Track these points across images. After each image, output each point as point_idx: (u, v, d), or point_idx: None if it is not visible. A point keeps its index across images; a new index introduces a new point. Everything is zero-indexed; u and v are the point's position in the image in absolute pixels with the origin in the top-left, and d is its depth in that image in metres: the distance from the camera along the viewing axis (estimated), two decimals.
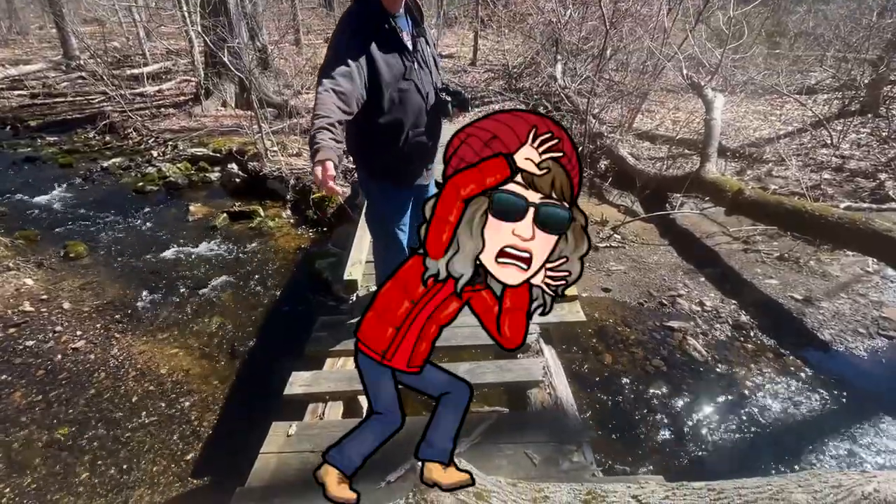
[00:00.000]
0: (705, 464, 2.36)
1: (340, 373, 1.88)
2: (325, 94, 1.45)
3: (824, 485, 1.10)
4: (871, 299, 3.62)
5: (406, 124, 1.73)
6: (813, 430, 2.56)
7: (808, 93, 8.79)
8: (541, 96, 8.18)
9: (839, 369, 2.96)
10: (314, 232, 4.88)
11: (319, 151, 1.33)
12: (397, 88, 1.66)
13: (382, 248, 2.01)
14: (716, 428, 2.56)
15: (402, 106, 1.69)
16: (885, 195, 5.33)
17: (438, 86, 1.84)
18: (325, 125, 1.39)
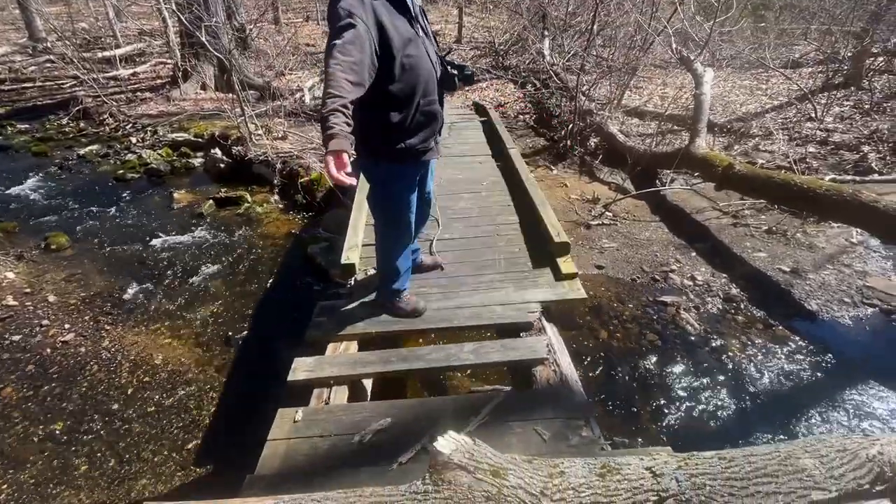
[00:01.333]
0: (702, 433, 2.42)
1: (344, 357, 1.87)
2: (335, 67, 1.36)
3: (830, 449, 1.13)
4: (856, 269, 3.71)
5: (417, 92, 1.66)
6: (802, 397, 2.63)
7: (793, 66, 8.83)
8: (529, 73, 8.07)
9: (826, 338, 3.04)
10: (304, 217, 4.80)
11: (333, 139, 1.27)
12: (407, 54, 1.59)
13: (389, 233, 1.96)
14: (710, 399, 2.62)
15: (412, 73, 1.62)
16: (867, 167, 5.42)
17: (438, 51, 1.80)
18: (338, 107, 1.31)
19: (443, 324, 1.98)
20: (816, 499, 1.05)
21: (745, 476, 1.06)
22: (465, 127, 4.79)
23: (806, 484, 1.06)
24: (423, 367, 1.76)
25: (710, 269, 3.79)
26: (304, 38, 11.11)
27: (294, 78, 8.44)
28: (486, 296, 2.18)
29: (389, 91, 1.61)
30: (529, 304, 2.09)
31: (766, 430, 2.40)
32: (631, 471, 1.07)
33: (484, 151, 4.11)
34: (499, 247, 2.56)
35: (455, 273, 2.37)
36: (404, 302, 2.09)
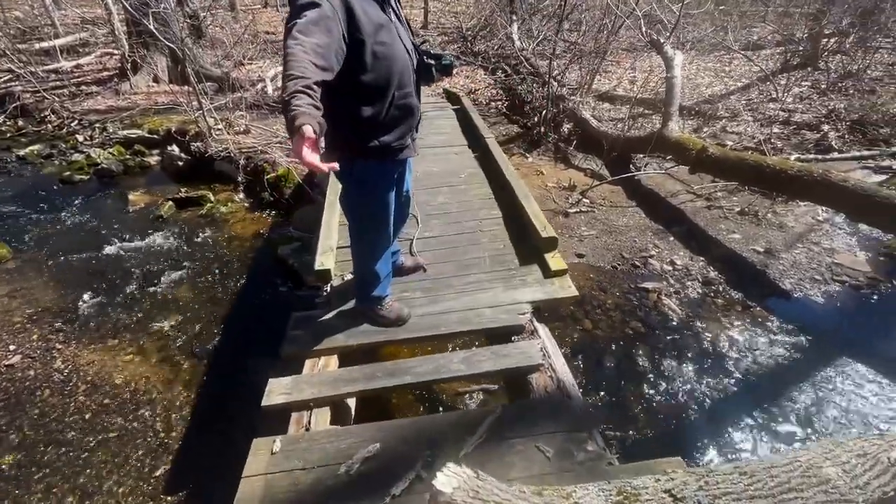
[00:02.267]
0: (691, 420, 2.42)
1: (323, 375, 1.71)
2: (296, 48, 1.18)
3: (850, 454, 1.07)
4: (824, 247, 3.81)
5: (392, 84, 1.51)
6: (783, 376, 2.67)
7: (754, 48, 9.03)
8: (499, 59, 7.92)
9: (801, 316, 3.11)
10: (272, 215, 4.56)
11: (297, 118, 1.08)
12: (379, 42, 1.43)
13: (366, 236, 1.81)
14: (697, 383, 2.63)
15: (385, 62, 1.46)
16: (828, 146, 5.59)
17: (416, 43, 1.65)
18: (301, 88, 1.12)
19: (430, 331, 1.86)
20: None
21: (769, 493, 0.99)
22: (437, 116, 4.62)
23: (832, 497, 1.00)
24: (412, 382, 1.64)
25: (688, 252, 3.81)
26: (263, 25, 10.57)
27: (255, 68, 8.01)
28: (474, 298, 2.06)
29: (360, 83, 1.45)
30: (519, 304, 1.99)
31: (752, 411, 2.43)
32: (649, 495, 0.98)
33: (459, 141, 3.96)
34: (483, 244, 2.45)
35: (439, 274, 2.24)
36: (386, 309, 1.95)
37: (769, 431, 2.33)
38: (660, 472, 1.14)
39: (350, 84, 1.44)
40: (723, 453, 2.25)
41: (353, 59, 1.37)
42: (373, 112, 1.51)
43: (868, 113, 6.04)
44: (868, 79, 7.17)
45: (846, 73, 7.43)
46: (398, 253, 2.23)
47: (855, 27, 8.42)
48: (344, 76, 1.37)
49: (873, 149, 5.50)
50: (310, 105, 1.11)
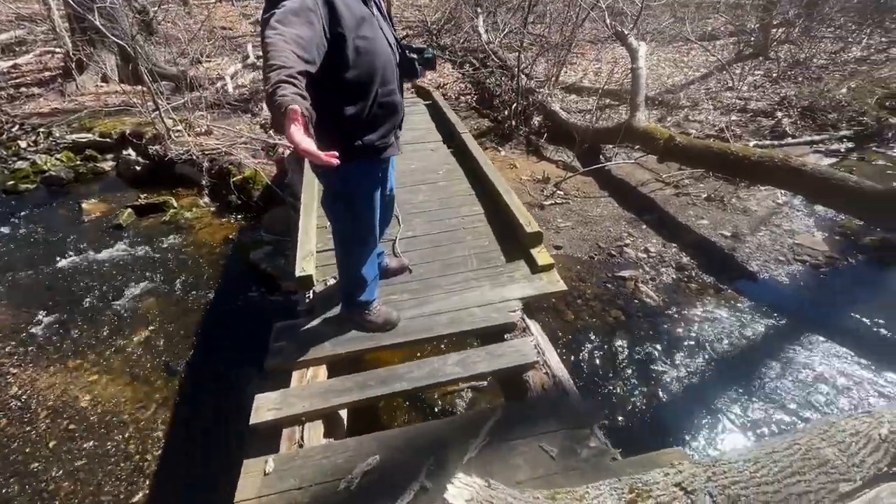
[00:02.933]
0: (678, 403, 2.49)
1: (313, 386, 1.64)
2: (276, 38, 1.10)
3: (844, 434, 1.11)
4: (785, 229, 4.00)
5: (375, 81, 1.44)
6: (755, 354, 2.79)
7: (710, 39, 9.35)
8: (466, 52, 7.88)
9: (768, 296, 3.25)
10: (241, 219, 4.38)
11: (283, 107, 1.00)
12: (361, 36, 1.36)
13: (351, 240, 1.74)
14: (679, 366, 2.70)
15: (368, 58, 1.39)
16: (782, 131, 5.86)
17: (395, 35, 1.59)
18: (285, 77, 1.04)
19: (421, 334, 1.81)
20: (844, 490, 1.02)
21: (774, 479, 1.01)
22: (410, 112, 4.50)
23: (833, 477, 1.02)
24: (406, 389, 1.59)
25: (660, 239, 3.91)
26: (219, 20, 10.11)
27: (213, 66, 7.65)
28: (462, 297, 2.03)
29: (342, 79, 1.38)
30: (509, 302, 1.98)
31: (731, 391, 2.52)
32: (661, 490, 0.98)
33: (434, 137, 3.91)
34: (467, 241, 2.41)
35: (425, 275, 2.20)
36: (374, 314, 1.89)
37: (749, 409, 2.42)
38: (665, 464, 1.15)
39: (331, 81, 1.37)
40: (710, 435, 2.32)
41: (334, 54, 1.30)
42: (356, 110, 1.45)
43: (816, 99, 6.36)
44: (815, 67, 7.54)
45: (795, 62, 7.80)
46: (383, 254, 2.17)
47: (801, 18, 8.86)
48: (325, 72, 1.31)
49: (823, 133, 5.81)
50: (296, 94, 1.04)
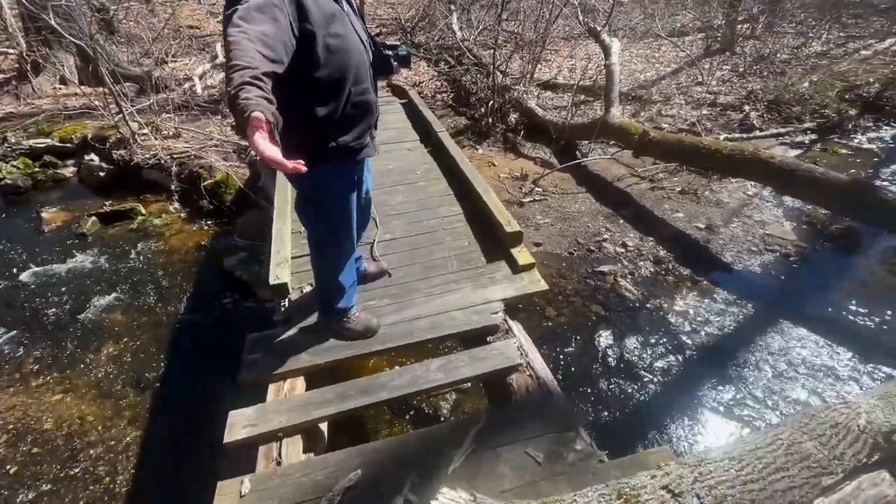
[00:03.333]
0: (660, 397, 2.52)
1: (291, 400, 1.56)
2: (239, 36, 1.03)
3: (824, 426, 1.12)
4: (756, 220, 4.11)
5: (347, 80, 1.38)
6: (733, 344, 2.84)
7: (679, 35, 9.56)
8: (440, 50, 7.83)
9: (743, 286, 3.33)
10: (213, 224, 4.24)
11: (247, 111, 0.93)
12: (332, 33, 1.30)
13: (327, 245, 1.68)
14: (659, 359, 2.74)
15: (340, 56, 1.33)
16: (750, 125, 6.02)
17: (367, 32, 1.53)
18: (249, 79, 0.97)
19: (401, 340, 1.77)
20: (826, 484, 1.02)
21: (759, 476, 1.01)
22: (385, 111, 4.47)
23: (815, 471, 1.03)
24: (389, 398, 1.55)
25: (637, 234, 3.96)
26: (184, 18, 9.78)
27: (180, 66, 7.39)
28: (443, 300, 1.99)
29: (312, 79, 1.32)
30: (491, 303, 1.95)
31: (711, 380, 2.56)
32: (648, 494, 0.97)
33: (410, 137, 3.85)
34: (447, 242, 2.38)
35: (404, 278, 2.15)
36: (353, 321, 1.83)
37: (729, 399, 2.47)
38: (651, 465, 1.14)
39: (302, 81, 1.31)
40: (692, 428, 2.35)
41: (303, 53, 1.24)
42: (328, 111, 1.39)
43: (781, 93, 6.56)
44: (778, 62, 7.78)
45: (759, 57, 8.03)
46: (360, 259, 2.11)
47: (764, 14, 9.13)
48: (295, 72, 1.25)
49: (788, 126, 6.00)
50: (260, 97, 0.97)
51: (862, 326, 2.87)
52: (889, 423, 1.13)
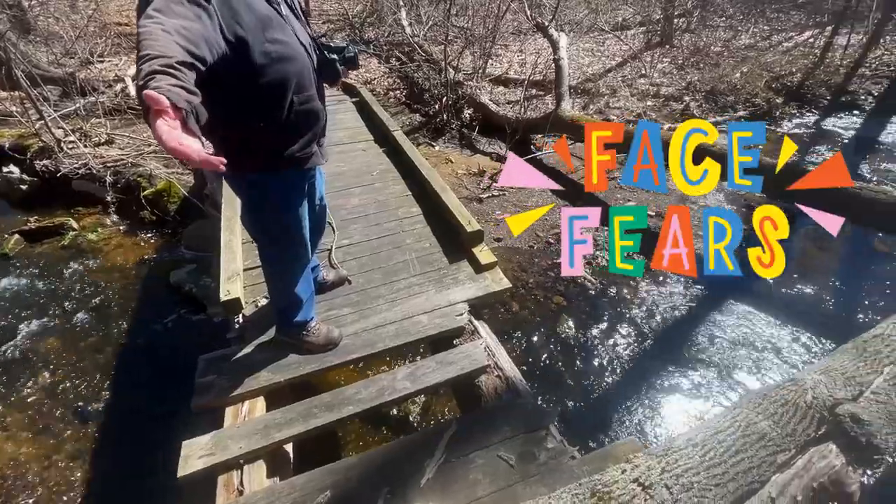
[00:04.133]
0: (622, 382, 2.60)
1: (251, 423, 1.47)
2: (153, 26, 0.92)
3: (775, 405, 1.17)
4: (701, 204, 4.34)
5: (289, 88, 1.30)
6: (685, 323, 2.98)
7: (622, 29, 9.92)
8: (391, 47, 7.71)
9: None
10: (157, 237, 3.97)
11: (152, 98, 0.80)
12: (270, 39, 1.21)
13: (279, 257, 1.59)
14: (620, 345, 2.83)
15: (279, 64, 1.24)
16: (691, 114, 6.35)
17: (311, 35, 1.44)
18: (159, 67, 0.85)
19: (366, 350, 1.71)
20: (781, 461, 1.07)
21: (721, 460, 1.04)
22: (336, 110, 4.33)
23: (770, 450, 1.08)
24: (356, 412, 1.49)
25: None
26: (112, 15, 9.08)
27: (109, 67, 6.85)
28: (407, 305, 1.95)
29: (251, 89, 1.24)
30: (455, 305, 1.93)
31: (669, 362, 2.68)
32: (621, 489, 0.98)
33: (364, 136, 3.76)
34: (407, 245, 2.33)
35: (365, 284, 2.09)
36: (314, 334, 1.75)
37: (687, 380, 2.58)
38: (621, 458, 1.16)
39: (239, 90, 1.22)
40: (654, 410, 2.44)
41: (238, 61, 1.15)
42: (270, 120, 1.31)
43: (716, 84, 6.95)
44: (713, 54, 8.22)
45: (695, 50, 8.47)
46: (318, 268, 2.03)
47: (697, 8, 9.63)
48: (231, 82, 1.16)
49: (725, 115, 6.38)
50: (173, 86, 0.84)
51: (798, 300, 3.10)
52: (833, 398, 1.20)
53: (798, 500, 1.05)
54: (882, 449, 1.14)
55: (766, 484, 1.06)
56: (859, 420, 1.13)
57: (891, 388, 1.25)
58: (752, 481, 1.04)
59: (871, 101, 6.59)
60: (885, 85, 6.79)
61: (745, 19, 10.16)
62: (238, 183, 1.46)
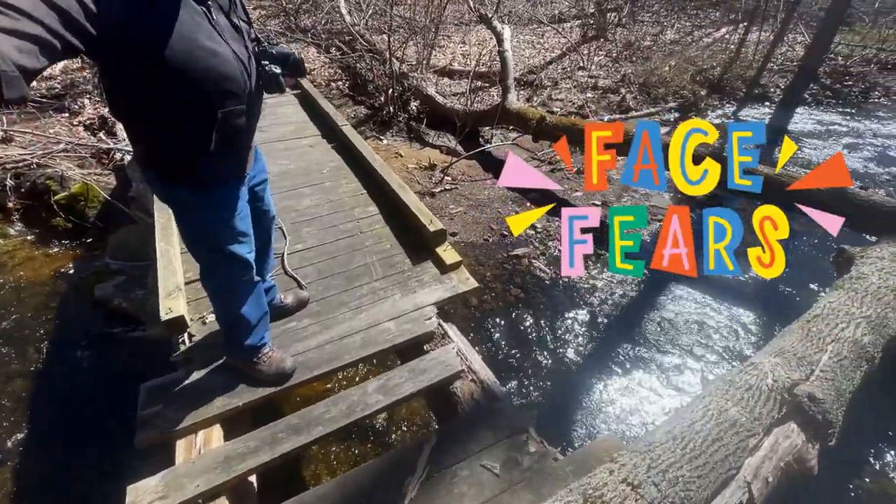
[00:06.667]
0: (586, 368, 2.67)
1: (208, 456, 1.32)
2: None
3: (742, 391, 1.23)
4: (641, 193, 4.56)
5: (208, 103, 1.11)
6: (634, 307, 3.12)
7: (559, 21, 10.18)
8: (330, 35, 7.37)
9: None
10: (75, 247, 3.55)
11: None
12: (183, 47, 1.01)
13: (218, 273, 1.42)
14: (579, 334, 2.92)
15: (193, 75, 1.05)
16: (627, 106, 6.66)
17: (251, 45, 1.25)
18: None
19: (331, 365, 1.59)
20: (752, 445, 1.12)
21: (701, 451, 1.08)
22: (277, 103, 4.06)
23: (742, 435, 1.12)
24: (325, 433, 1.39)
25: (545, 215, 4.17)
26: None
27: None
28: (372, 312, 1.85)
29: (158, 100, 1.06)
30: (423, 309, 1.86)
31: (627, 347, 2.79)
32: (611, 491, 0.98)
33: (311, 132, 3.54)
34: (367, 247, 2.21)
35: (325, 292, 1.95)
36: (264, 363, 1.57)
37: (646, 364, 2.70)
38: (603, 455, 1.16)
39: (146, 102, 1.05)
40: (622, 399, 2.51)
41: (137, 64, 0.98)
42: (184, 139, 1.14)
43: (648, 76, 7.33)
44: (644, 48, 8.66)
45: (628, 44, 8.87)
46: (273, 289, 1.83)
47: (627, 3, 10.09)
48: (151, 95, 1.03)
49: (657, 106, 6.75)
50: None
51: (734, 281, 3.35)
52: (790, 379, 1.28)
53: (769, 480, 1.11)
54: (834, 423, 1.22)
55: (742, 469, 1.10)
56: (815, 399, 1.21)
57: (835, 364, 1.35)
58: (729, 468, 1.08)
59: (779, 94, 7.26)
60: (789, 79, 7.50)
61: (668, 15, 10.81)
62: (163, 195, 1.29)
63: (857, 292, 1.74)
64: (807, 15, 9.53)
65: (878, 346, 1.53)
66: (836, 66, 8.10)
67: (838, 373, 1.31)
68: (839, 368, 1.33)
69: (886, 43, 8.76)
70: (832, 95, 7.24)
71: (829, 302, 1.69)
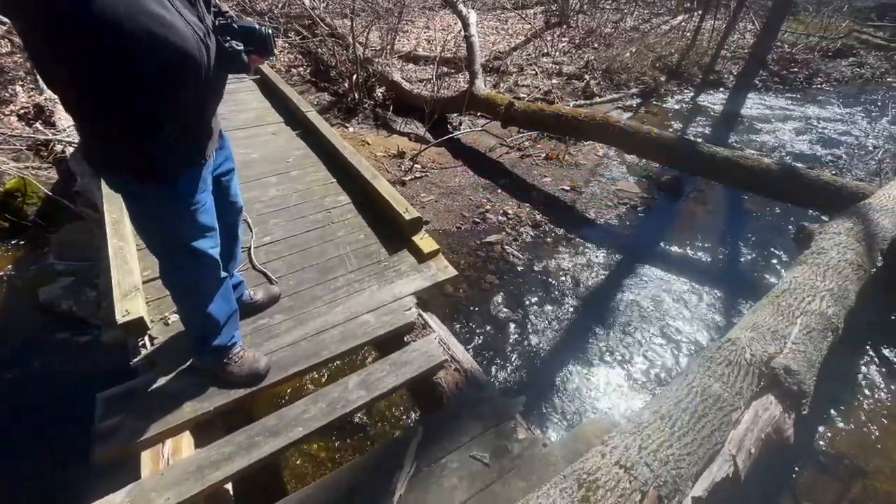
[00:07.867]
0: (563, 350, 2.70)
1: (178, 466, 1.23)
2: None
3: (722, 366, 1.26)
4: (608, 177, 4.65)
5: (163, 78, 0.99)
6: (607, 289, 3.19)
7: (522, 7, 10.17)
8: (288, 20, 7.05)
9: (605, 237, 3.76)
10: (14, 248, 3.26)
11: None
12: (135, 12, 0.88)
13: (179, 272, 1.31)
14: (554, 314, 2.94)
15: (139, 56, 0.92)
16: (591, 92, 6.74)
17: (211, 18, 1.12)
18: None
19: (308, 362, 1.51)
20: (735, 419, 1.14)
21: (689, 428, 1.08)
22: (236, 89, 3.83)
23: (725, 410, 1.14)
24: (305, 434, 1.32)
25: (515, 201, 4.19)
26: None
27: None
28: (349, 305, 1.77)
29: (102, 88, 0.94)
30: (402, 300, 1.80)
31: (601, 327, 2.84)
32: (606, 475, 0.98)
33: (273, 119, 3.36)
34: (339, 238, 2.11)
35: (298, 286, 1.85)
36: (236, 363, 1.48)
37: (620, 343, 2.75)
38: (592, 438, 1.16)
39: (87, 88, 0.94)
40: (600, 379, 2.55)
41: (72, 48, 0.87)
42: (133, 121, 1.02)
43: (611, 63, 7.44)
44: (605, 34, 8.78)
45: (589, 31, 8.97)
46: (242, 285, 1.73)
47: None
48: (96, 80, 0.91)
49: (620, 92, 6.87)
50: None
51: (695, 258, 3.48)
52: (766, 353, 1.31)
53: (752, 452, 1.13)
54: (808, 393, 1.26)
55: (727, 443, 1.12)
56: (791, 371, 1.24)
57: (805, 336, 1.40)
58: (716, 443, 1.09)
59: (732, 79, 7.55)
60: (741, 65, 7.81)
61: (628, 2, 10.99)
62: (114, 185, 1.16)
63: (819, 266, 1.82)
64: (756, 4, 9.91)
65: (840, 317, 1.61)
66: (783, 54, 8.50)
67: (808, 344, 1.36)
68: (809, 340, 1.38)
69: (828, 32, 9.28)
70: (780, 81, 7.60)
71: (794, 277, 1.75)
